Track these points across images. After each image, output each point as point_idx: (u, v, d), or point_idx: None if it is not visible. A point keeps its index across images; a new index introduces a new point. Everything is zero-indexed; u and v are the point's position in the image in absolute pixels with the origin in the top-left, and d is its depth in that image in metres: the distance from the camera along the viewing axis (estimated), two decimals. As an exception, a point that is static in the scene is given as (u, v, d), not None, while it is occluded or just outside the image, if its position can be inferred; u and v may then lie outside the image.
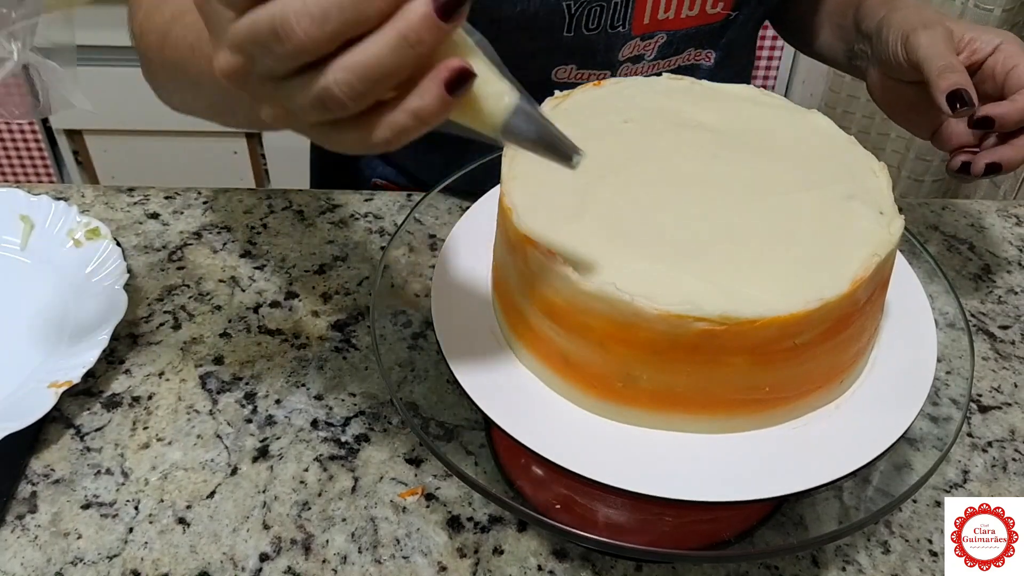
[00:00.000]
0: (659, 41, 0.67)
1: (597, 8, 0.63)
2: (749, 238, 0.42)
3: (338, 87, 0.30)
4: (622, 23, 0.65)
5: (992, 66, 0.58)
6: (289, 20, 0.29)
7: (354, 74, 0.30)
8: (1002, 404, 0.60)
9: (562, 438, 0.41)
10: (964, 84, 0.55)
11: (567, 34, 0.64)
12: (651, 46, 0.67)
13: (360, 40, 0.30)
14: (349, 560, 0.49)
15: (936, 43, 0.58)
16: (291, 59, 0.31)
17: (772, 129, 0.49)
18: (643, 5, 0.64)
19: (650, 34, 0.67)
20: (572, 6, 0.62)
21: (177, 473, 0.53)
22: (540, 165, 0.39)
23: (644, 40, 0.67)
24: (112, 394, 0.58)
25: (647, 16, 0.65)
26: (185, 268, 0.68)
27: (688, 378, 0.40)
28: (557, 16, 0.63)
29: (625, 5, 0.64)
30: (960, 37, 0.59)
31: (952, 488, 0.55)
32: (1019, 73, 0.56)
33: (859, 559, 0.50)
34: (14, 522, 0.50)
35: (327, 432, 0.56)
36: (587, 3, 0.63)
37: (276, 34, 0.30)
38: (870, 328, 0.45)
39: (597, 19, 0.64)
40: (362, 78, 0.30)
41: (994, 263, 0.73)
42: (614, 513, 0.48)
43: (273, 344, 0.62)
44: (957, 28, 0.59)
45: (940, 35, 0.58)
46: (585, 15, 0.63)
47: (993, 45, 0.58)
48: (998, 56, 0.58)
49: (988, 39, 0.59)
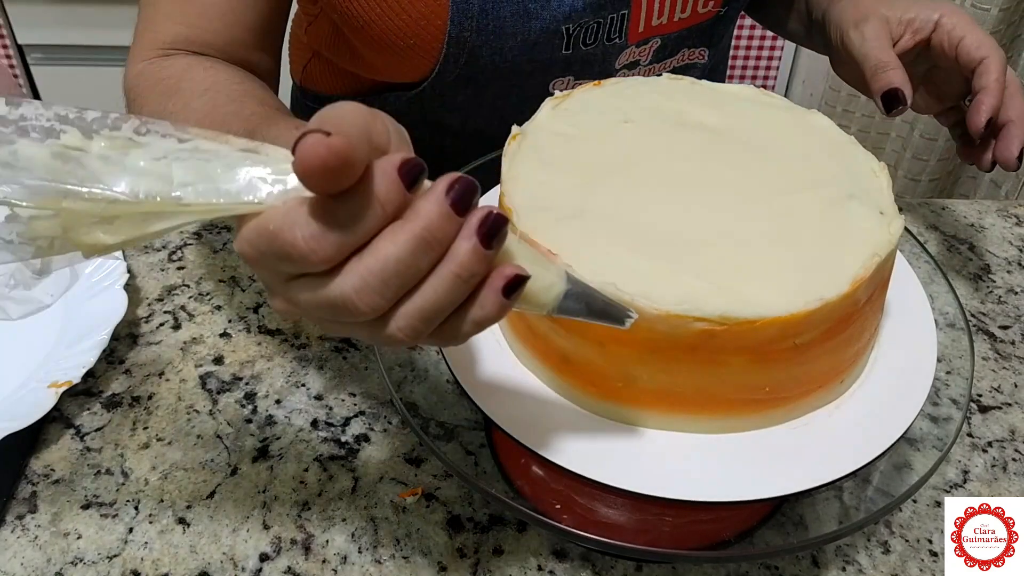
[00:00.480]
0: (654, 46, 0.68)
1: (594, 25, 0.63)
2: (749, 238, 0.42)
3: (401, 332, 0.31)
4: (618, 35, 0.65)
5: (939, 43, 0.57)
6: (352, 300, 0.30)
7: (417, 319, 0.31)
8: (1002, 404, 0.60)
9: (562, 438, 0.41)
10: (897, 83, 0.56)
11: (565, 51, 0.64)
12: (646, 52, 0.68)
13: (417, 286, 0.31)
14: (349, 560, 0.49)
15: (871, 39, 0.58)
16: (358, 319, 0.31)
17: (772, 129, 0.49)
18: (638, 16, 0.64)
19: (645, 40, 0.67)
20: (571, 28, 0.62)
21: (177, 473, 0.53)
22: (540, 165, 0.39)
23: (639, 47, 0.67)
24: (112, 394, 0.58)
25: (642, 25, 0.65)
26: (185, 268, 0.68)
27: (688, 378, 0.40)
28: (557, 38, 0.63)
29: (621, 19, 0.64)
30: (899, 20, 0.59)
31: (952, 488, 0.55)
32: (967, 47, 0.56)
33: (859, 559, 0.50)
34: (14, 522, 0.50)
35: (327, 432, 0.56)
36: (585, 23, 0.63)
37: (340, 311, 0.30)
38: (870, 328, 0.45)
39: (594, 35, 0.64)
40: (424, 320, 0.31)
41: (994, 263, 0.73)
42: (614, 513, 0.48)
43: (273, 344, 0.62)
44: (893, 12, 0.59)
45: (874, 29, 0.58)
46: (583, 33, 0.63)
47: (932, 21, 0.58)
48: (941, 32, 0.57)
49: (926, 16, 0.58)
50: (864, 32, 0.58)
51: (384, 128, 0.30)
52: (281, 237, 0.29)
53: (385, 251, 0.29)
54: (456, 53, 0.62)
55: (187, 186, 0.29)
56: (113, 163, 0.29)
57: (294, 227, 0.28)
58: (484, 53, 0.62)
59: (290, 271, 0.30)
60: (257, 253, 0.30)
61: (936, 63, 0.60)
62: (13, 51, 1.64)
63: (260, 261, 0.30)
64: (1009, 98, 0.56)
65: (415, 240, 0.29)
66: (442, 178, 0.30)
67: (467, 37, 0.60)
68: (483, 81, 0.65)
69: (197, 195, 0.29)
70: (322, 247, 0.29)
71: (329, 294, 0.30)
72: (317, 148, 0.26)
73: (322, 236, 0.28)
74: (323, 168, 0.27)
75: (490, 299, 0.31)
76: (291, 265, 0.30)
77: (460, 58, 0.62)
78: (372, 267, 0.29)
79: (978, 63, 0.56)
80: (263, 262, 0.30)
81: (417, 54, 0.62)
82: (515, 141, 0.47)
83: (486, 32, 0.60)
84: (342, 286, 0.30)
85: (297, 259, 0.29)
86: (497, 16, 0.60)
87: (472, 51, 0.62)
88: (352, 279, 0.29)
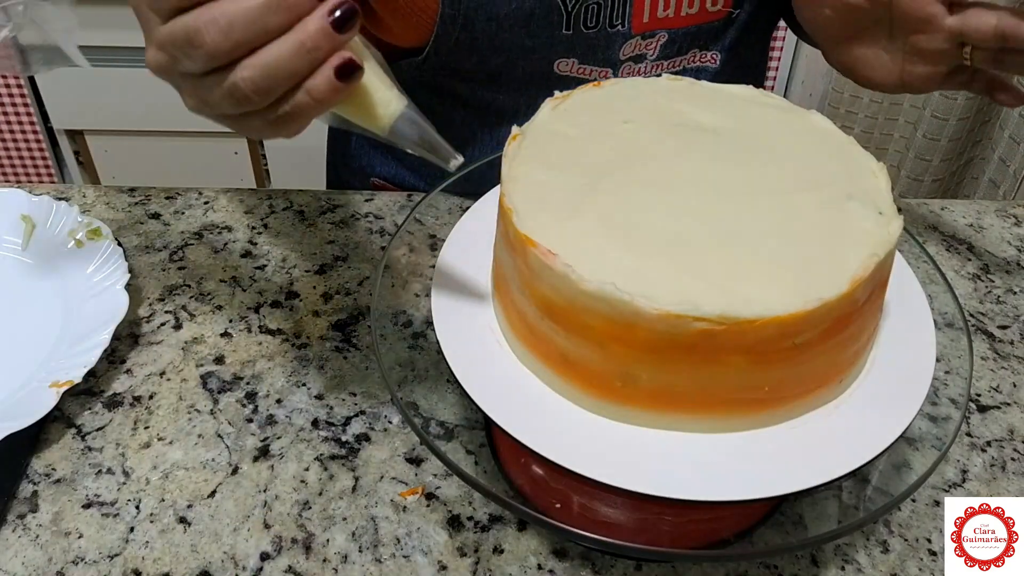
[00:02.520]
0: (660, 40, 0.67)
1: (594, 6, 0.63)
2: (748, 238, 0.42)
3: (244, 83, 0.36)
4: (621, 21, 0.65)
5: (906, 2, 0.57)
6: (200, 30, 0.35)
7: (257, 72, 0.36)
8: (1001, 404, 0.60)
9: (562, 437, 0.41)
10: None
11: (566, 31, 0.64)
12: (653, 45, 0.67)
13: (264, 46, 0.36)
14: (350, 559, 0.49)
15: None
16: (202, 61, 0.36)
17: (771, 129, 0.49)
18: (641, 3, 0.64)
19: (651, 33, 0.67)
20: (568, 4, 0.63)
21: (178, 472, 0.53)
22: (540, 165, 0.40)
23: (645, 39, 0.67)
24: (113, 394, 0.58)
25: (646, 14, 0.65)
26: (186, 268, 0.68)
27: (687, 378, 0.40)
28: (555, 13, 0.63)
29: (623, 3, 0.64)
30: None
31: (951, 488, 0.55)
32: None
33: (858, 558, 0.50)
34: (15, 521, 0.51)
35: (328, 431, 0.56)
36: (584, 1, 0.63)
37: (190, 41, 0.35)
38: (869, 328, 0.45)
39: (595, 17, 0.64)
40: (264, 76, 0.36)
41: (993, 263, 0.73)
42: (614, 512, 0.48)
43: (274, 344, 0.62)
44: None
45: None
46: (583, 13, 0.63)
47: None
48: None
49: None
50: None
51: None
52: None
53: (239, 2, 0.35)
54: (452, 14, 0.63)
55: None
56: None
57: None
58: (479, 17, 0.63)
59: (193, 56, 0.36)
60: (170, 44, 0.37)
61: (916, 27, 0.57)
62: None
63: (174, 54, 0.37)
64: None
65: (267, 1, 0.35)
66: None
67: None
68: (485, 49, 0.66)
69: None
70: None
71: (186, 23, 0.35)
72: None
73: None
74: None
75: (324, 73, 0.36)
76: (192, 50, 0.35)
77: (456, 19, 0.63)
78: (227, 8, 0.35)
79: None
80: (176, 54, 0.37)
81: (416, 12, 0.63)
82: (515, 141, 0.47)
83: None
84: (197, 18, 0.35)
85: (197, 45, 0.35)
86: None
87: (467, 14, 0.63)
88: (205, 13, 0.35)
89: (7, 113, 1.77)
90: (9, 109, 1.76)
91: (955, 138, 1.51)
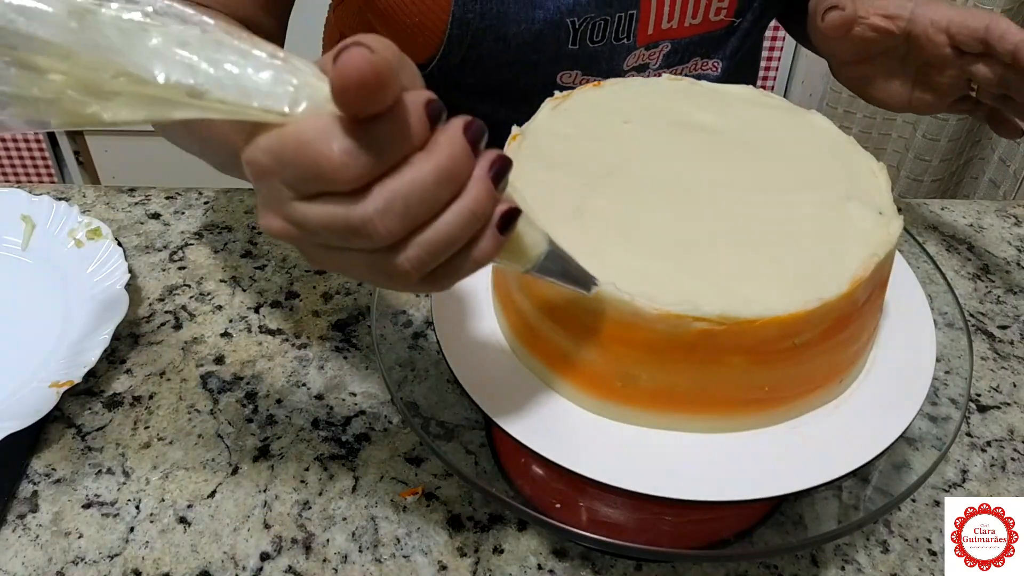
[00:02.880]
0: (664, 50, 0.68)
1: (601, 22, 0.63)
2: (748, 238, 0.42)
3: (409, 262, 0.31)
4: (626, 35, 0.65)
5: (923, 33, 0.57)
6: (372, 221, 0.29)
7: (427, 251, 0.31)
8: (1001, 404, 0.60)
9: (562, 438, 0.41)
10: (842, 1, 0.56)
11: (572, 46, 0.64)
12: (656, 55, 0.68)
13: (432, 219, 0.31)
14: (350, 559, 0.49)
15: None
16: (366, 246, 0.31)
17: (771, 129, 0.49)
18: (647, 17, 0.64)
19: (654, 44, 0.67)
20: (576, 22, 0.63)
21: (178, 472, 0.53)
22: (540, 166, 0.40)
23: (648, 50, 0.67)
24: (113, 394, 0.58)
25: (651, 27, 0.65)
26: (186, 268, 0.68)
27: (687, 378, 0.40)
28: (562, 31, 0.63)
29: (629, 19, 0.64)
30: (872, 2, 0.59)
31: (951, 488, 0.55)
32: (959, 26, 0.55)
33: (858, 558, 0.50)
34: (15, 521, 0.51)
35: (328, 431, 0.56)
36: (591, 18, 0.63)
37: (355, 231, 0.30)
38: (869, 328, 0.45)
39: (601, 32, 0.64)
40: (432, 254, 0.31)
41: (993, 263, 0.73)
42: (614, 512, 0.48)
43: (274, 344, 0.62)
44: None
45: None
46: (590, 29, 0.64)
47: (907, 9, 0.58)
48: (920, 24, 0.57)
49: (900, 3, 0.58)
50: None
51: (411, 66, 0.30)
52: (315, 148, 0.28)
53: (411, 177, 0.29)
54: (460, 35, 0.63)
55: (211, 79, 0.28)
56: (131, 36, 0.27)
57: (331, 140, 0.28)
58: (487, 37, 0.63)
59: (307, 187, 0.30)
60: (276, 164, 0.29)
61: (928, 60, 0.59)
62: (14, 51, 1.64)
63: (275, 173, 0.30)
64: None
65: (439, 170, 0.30)
66: (456, 118, 0.30)
67: (470, 19, 0.61)
68: (489, 65, 0.66)
69: (222, 91, 0.28)
70: (356, 163, 0.28)
71: (349, 214, 0.30)
72: (359, 61, 0.26)
73: (357, 153, 0.28)
74: (361, 83, 0.26)
75: (488, 235, 0.32)
76: (314, 179, 0.29)
77: (464, 40, 0.63)
78: (398, 191, 0.29)
79: (985, 30, 0.54)
80: (279, 174, 0.30)
81: (423, 32, 0.63)
82: (515, 141, 0.47)
83: (490, 16, 0.61)
84: (365, 207, 0.29)
85: (328, 172, 0.29)
86: (502, 1, 0.61)
87: (475, 34, 0.62)
88: (376, 201, 0.29)
89: (7, 113, 1.77)
90: (9, 109, 1.76)
91: (954, 138, 1.51)
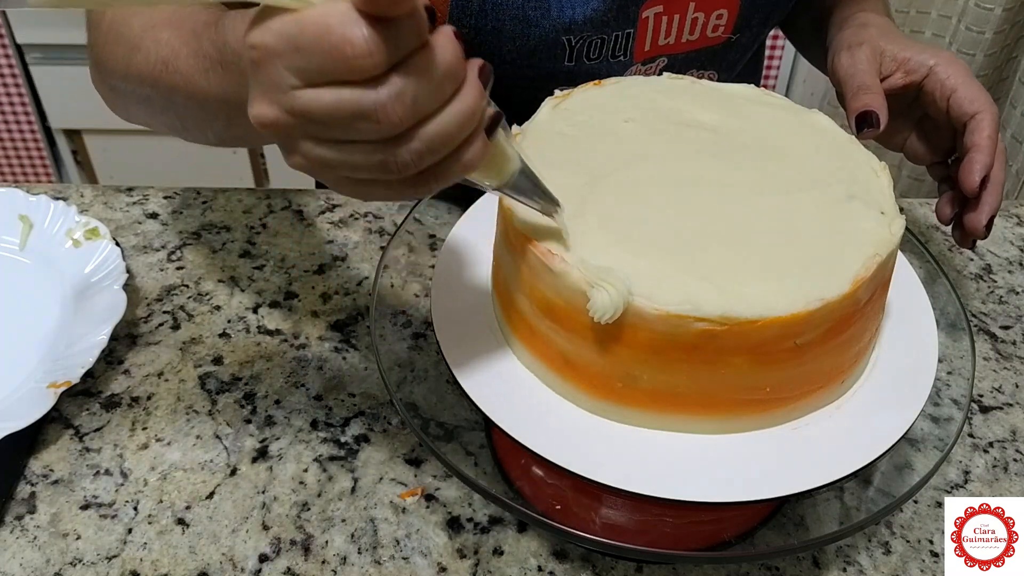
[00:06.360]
0: (660, 65, 0.67)
1: (598, 40, 0.63)
2: (750, 238, 0.42)
3: (409, 154, 0.33)
4: (623, 53, 0.65)
5: (932, 91, 0.57)
6: (386, 107, 0.31)
7: (427, 145, 0.32)
8: (1003, 404, 0.60)
9: (562, 438, 0.41)
10: (875, 106, 0.55)
11: (568, 63, 0.64)
12: (652, 70, 0.67)
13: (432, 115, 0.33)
14: (349, 561, 0.49)
15: (860, 63, 0.58)
16: (370, 135, 0.32)
17: (773, 128, 0.49)
18: (643, 36, 0.64)
19: (651, 59, 0.67)
20: (572, 40, 0.62)
21: (176, 474, 0.53)
22: (540, 165, 0.39)
23: (645, 65, 0.67)
24: (111, 394, 0.58)
25: (648, 44, 0.65)
26: (184, 268, 0.68)
27: (688, 378, 0.40)
28: (558, 48, 0.63)
29: (626, 37, 0.64)
30: (893, 56, 0.58)
31: (953, 488, 0.55)
32: (959, 100, 0.55)
33: (860, 560, 0.50)
34: (13, 523, 0.50)
35: (326, 432, 0.56)
36: (587, 37, 0.62)
37: (363, 116, 0.31)
38: (871, 328, 0.45)
39: (598, 50, 0.64)
40: (432, 149, 0.33)
41: (995, 263, 0.73)
42: (614, 514, 0.48)
43: (272, 344, 0.62)
44: (890, 46, 0.59)
45: (866, 56, 0.58)
46: (586, 47, 0.63)
47: (927, 66, 0.57)
48: (934, 80, 0.57)
49: (921, 59, 0.57)
50: (855, 56, 0.58)
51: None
52: (339, 33, 0.29)
53: (422, 68, 0.31)
54: None
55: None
56: None
57: (355, 27, 0.29)
58: (482, 54, 0.62)
59: (322, 73, 0.31)
60: (289, 48, 0.30)
61: (927, 111, 0.59)
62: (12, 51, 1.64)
63: (284, 57, 0.31)
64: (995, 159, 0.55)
65: (446, 64, 0.32)
66: (443, 26, 0.33)
67: (464, 35, 0.60)
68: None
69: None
70: (379, 51, 0.30)
71: (361, 99, 0.31)
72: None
73: (379, 42, 0.30)
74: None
75: (478, 139, 0.34)
76: (334, 65, 0.30)
77: None
78: (409, 81, 0.31)
79: (970, 117, 0.55)
80: (288, 58, 0.31)
81: None
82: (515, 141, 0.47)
83: (484, 32, 0.60)
84: (379, 94, 0.31)
85: (350, 58, 0.30)
86: (496, 19, 0.60)
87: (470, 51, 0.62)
88: (390, 89, 0.31)
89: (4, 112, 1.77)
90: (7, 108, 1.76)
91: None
